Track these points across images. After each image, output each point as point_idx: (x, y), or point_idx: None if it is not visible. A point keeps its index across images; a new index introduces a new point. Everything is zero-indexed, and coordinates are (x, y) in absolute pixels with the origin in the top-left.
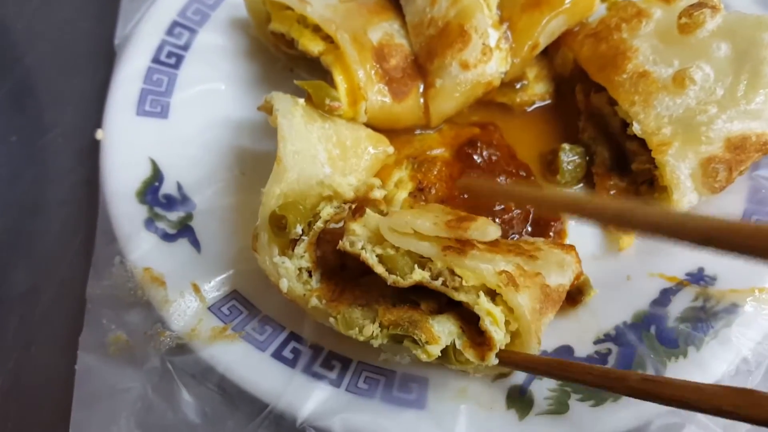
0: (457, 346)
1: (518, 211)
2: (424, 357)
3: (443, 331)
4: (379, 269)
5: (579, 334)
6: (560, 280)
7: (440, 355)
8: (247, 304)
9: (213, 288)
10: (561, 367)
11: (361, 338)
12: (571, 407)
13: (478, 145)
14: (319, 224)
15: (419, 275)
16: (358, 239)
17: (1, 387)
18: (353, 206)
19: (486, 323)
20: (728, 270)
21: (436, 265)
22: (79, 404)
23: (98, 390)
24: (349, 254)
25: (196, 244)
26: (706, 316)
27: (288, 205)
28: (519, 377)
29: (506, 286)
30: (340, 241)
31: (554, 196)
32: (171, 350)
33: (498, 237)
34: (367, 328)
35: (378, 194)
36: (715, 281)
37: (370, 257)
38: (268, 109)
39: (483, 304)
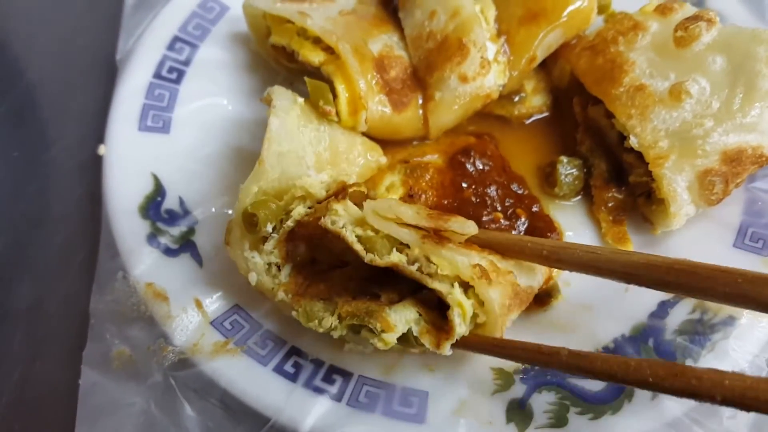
0: (414, 333)
1: (506, 223)
2: (381, 345)
3: (400, 319)
4: (357, 247)
5: (578, 346)
6: (530, 282)
7: (397, 342)
8: (249, 318)
9: (215, 302)
10: (498, 345)
11: (321, 330)
12: (570, 420)
13: (472, 154)
14: (289, 223)
15: (396, 257)
16: (339, 218)
17: (6, 401)
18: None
19: (454, 314)
20: None
21: (413, 251)
22: (83, 419)
23: (102, 405)
24: (323, 244)
25: (198, 258)
26: (703, 329)
27: (259, 203)
28: (518, 390)
29: (479, 278)
30: (322, 218)
31: (500, 238)
32: (173, 365)
33: (474, 233)
34: (326, 320)
35: (349, 181)
36: None
37: (349, 236)
38: (268, 101)
39: (456, 295)
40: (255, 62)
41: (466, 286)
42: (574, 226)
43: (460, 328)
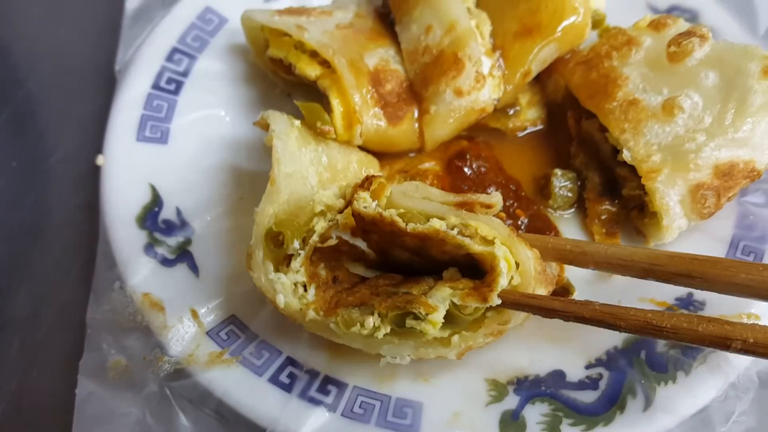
0: (456, 302)
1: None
2: (430, 329)
3: (438, 299)
4: (397, 219)
5: (571, 358)
6: (550, 269)
7: (445, 324)
8: (245, 328)
9: (211, 312)
10: (534, 299)
11: (365, 332)
12: None
13: (468, 157)
14: (315, 238)
15: (438, 224)
16: (369, 203)
17: (3, 410)
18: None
19: (501, 265)
20: (717, 295)
21: (450, 219)
22: (79, 428)
23: (98, 414)
24: (340, 266)
25: (194, 268)
26: None
27: (284, 222)
28: (512, 402)
29: (517, 237)
30: (353, 203)
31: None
32: (169, 375)
33: (501, 207)
34: (368, 320)
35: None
36: (704, 306)
37: (386, 213)
38: (263, 125)
39: (499, 248)
40: (253, 74)
41: None
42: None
43: (503, 279)
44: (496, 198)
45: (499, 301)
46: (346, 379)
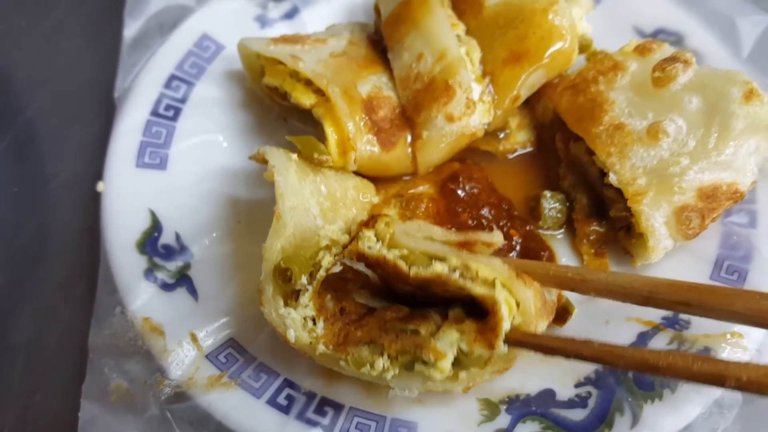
0: (464, 349)
1: (504, 242)
2: (438, 375)
3: (446, 344)
4: (400, 263)
5: (561, 377)
6: (551, 296)
7: (452, 368)
8: (243, 351)
9: (210, 336)
10: (535, 338)
11: (374, 373)
12: None
13: (461, 179)
14: (322, 273)
15: (439, 267)
16: (373, 243)
17: None
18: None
19: (502, 309)
20: None
21: (451, 261)
22: None
23: None
24: (347, 297)
25: (193, 292)
26: None
27: (291, 258)
28: (503, 421)
29: (517, 278)
30: (358, 244)
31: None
32: (170, 398)
33: (501, 243)
34: (378, 362)
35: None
36: (690, 325)
37: (389, 255)
38: (259, 159)
39: (500, 292)
40: (249, 99)
41: None
42: (560, 257)
43: (506, 323)
44: (497, 237)
45: (506, 349)
46: (342, 400)
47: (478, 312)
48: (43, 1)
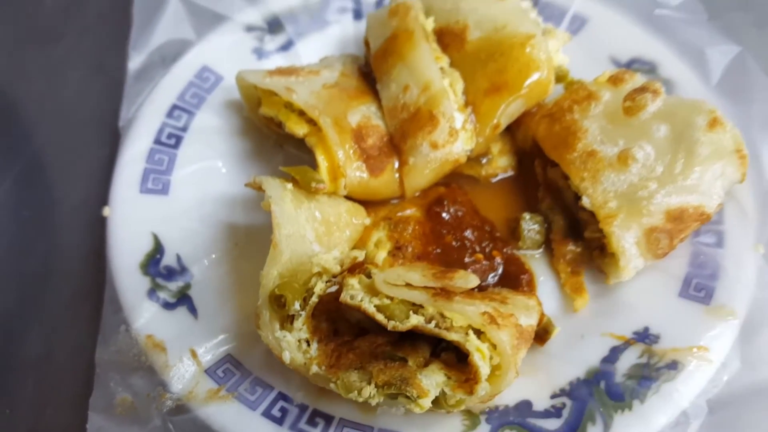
0: (447, 393)
1: (486, 262)
2: (417, 410)
3: (431, 383)
4: (379, 316)
5: (537, 389)
6: (529, 320)
7: (431, 404)
8: (240, 366)
9: (208, 352)
10: None
11: (361, 399)
12: None
13: (445, 203)
14: (314, 299)
15: (415, 319)
16: (356, 292)
17: None
18: (345, 271)
19: (475, 358)
20: (670, 329)
21: (427, 310)
22: None
23: None
24: (342, 316)
25: (193, 311)
26: (649, 372)
27: (285, 285)
28: (483, 431)
29: (489, 324)
30: (341, 294)
31: None
32: (171, 411)
33: (477, 285)
34: (365, 390)
35: (361, 257)
36: (659, 339)
37: (369, 307)
38: (255, 186)
39: (473, 341)
40: (247, 128)
41: (479, 333)
42: (538, 276)
43: (484, 369)
44: (472, 281)
45: (483, 393)
46: (332, 412)
47: (464, 354)
48: (51, 35)
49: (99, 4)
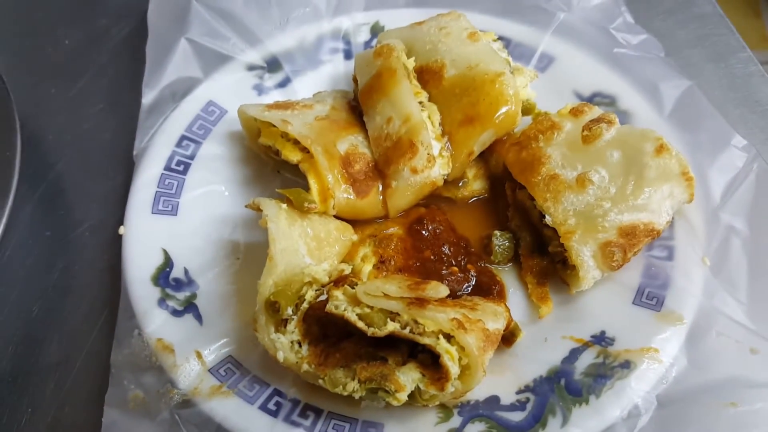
0: (421, 388)
1: (461, 275)
2: (395, 402)
3: (408, 380)
4: (360, 324)
5: (504, 386)
6: (496, 325)
7: (407, 399)
8: (240, 366)
9: (212, 353)
10: None
11: (345, 393)
12: None
13: (425, 222)
14: (305, 305)
15: (392, 326)
16: (340, 303)
17: None
18: (333, 282)
19: (445, 359)
20: (624, 333)
21: (403, 317)
22: None
23: None
24: (330, 320)
25: (199, 318)
26: (605, 371)
27: (279, 293)
28: (456, 422)
29: (457, 329)
30: (327, 305)
31: None
32: (178, 405)
33: (447, 294)
34: (349, 385)
35: (347, 270)
36: (614, 342)
37: (351, 316)
38: (254, 207)
39: (442, 344)
40: (248, 156)
41: (449, 337)
42: (508, 286)
43: (453, 369)
44: (442, 292)
45: (452, 390)
46: (322, 405)
47: (438, 356)
48: (70, 72)
49: (114, 45)
